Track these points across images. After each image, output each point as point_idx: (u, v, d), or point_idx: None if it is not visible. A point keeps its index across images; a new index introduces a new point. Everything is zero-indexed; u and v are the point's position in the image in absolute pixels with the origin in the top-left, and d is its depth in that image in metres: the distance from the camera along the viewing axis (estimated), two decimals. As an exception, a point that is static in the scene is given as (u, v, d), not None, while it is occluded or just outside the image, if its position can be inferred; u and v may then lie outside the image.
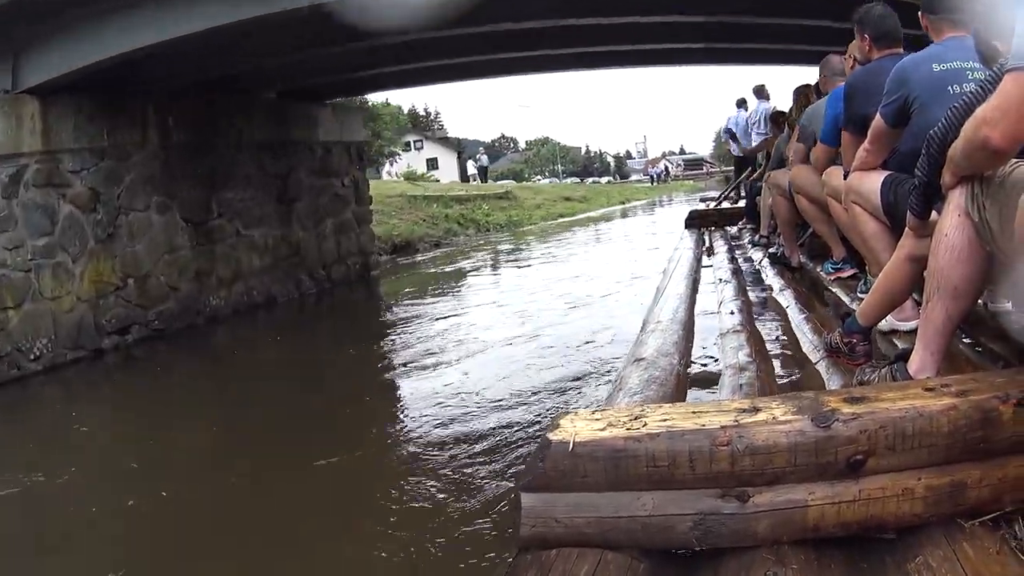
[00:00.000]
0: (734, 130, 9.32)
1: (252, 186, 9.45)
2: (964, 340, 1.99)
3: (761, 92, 8.98)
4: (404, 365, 6.17)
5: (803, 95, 4.82)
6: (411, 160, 48.44)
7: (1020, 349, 1.74)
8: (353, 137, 11.53)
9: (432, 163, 49.75)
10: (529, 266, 12.31)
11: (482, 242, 16.25)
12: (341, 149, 11.02)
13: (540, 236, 17.29)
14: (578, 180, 53.84)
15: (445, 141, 61.82)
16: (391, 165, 31.17)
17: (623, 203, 30.78)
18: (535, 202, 23.11)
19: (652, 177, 53.62)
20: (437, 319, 8.04)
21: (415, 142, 58.01)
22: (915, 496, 1.26)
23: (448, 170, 44.58)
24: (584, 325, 6.82)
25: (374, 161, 30.96)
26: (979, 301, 1.81)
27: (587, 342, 6.11)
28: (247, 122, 9.40)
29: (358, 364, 6.63)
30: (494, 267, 13.02)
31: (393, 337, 7.39)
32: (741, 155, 9.38)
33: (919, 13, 2.36)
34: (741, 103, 9.38)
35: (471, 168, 37.00)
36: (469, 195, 19.67)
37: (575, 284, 9.24)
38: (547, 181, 48.39)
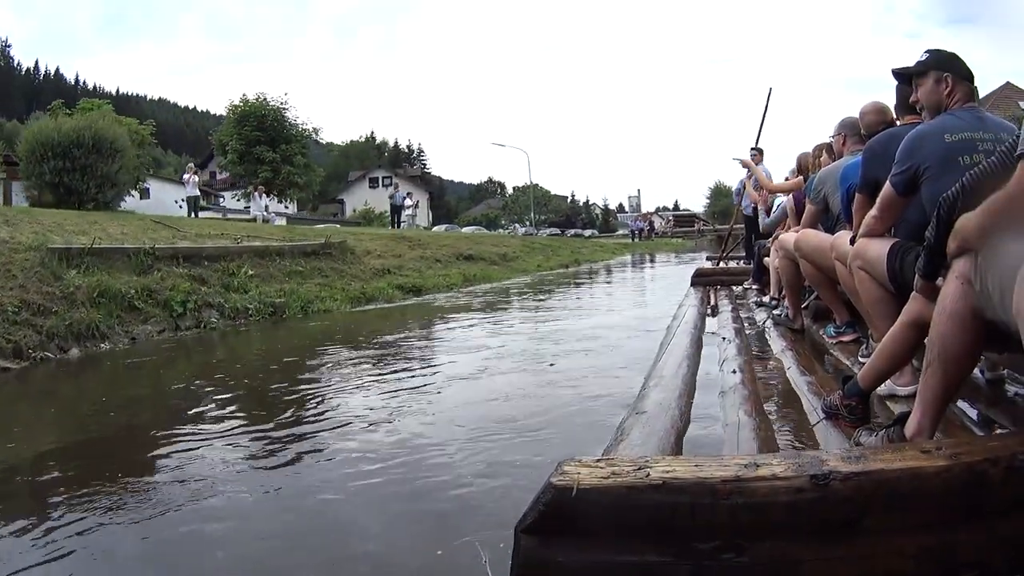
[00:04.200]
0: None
1: None
2: (959, 405, 2.03)
3: (755, 158, 8.98)
4: None
5: (819, 154, 4.90)
6: (375, 198, 45.90)
7: (1013, 415, 1.78)
8: None
9: (401, 201, 48.56)
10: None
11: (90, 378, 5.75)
12: None
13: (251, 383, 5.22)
14: (558, 232, 51.83)
15: (419, 179, 59.69)
16: (264, 198, 22.42)
17: (567, 267, 21.19)
18: (388, 262, 13.53)
19: (633, 232, 48.38)
20: None
21: (384, 178, 54.94)
22: (906, 555, 1.29)
23: (419, 211, 43.49)
24: None
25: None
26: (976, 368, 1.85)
27: None
28: None
29: None
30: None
31: None
32: (751, 215, 8.78)
33: (934, 73, 2.35)
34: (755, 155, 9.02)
35: (408, 209, 27.77)
36: (222, 249, 10.04)
37: None
38: (523, 230, 45.59)
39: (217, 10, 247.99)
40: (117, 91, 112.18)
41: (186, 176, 21.41)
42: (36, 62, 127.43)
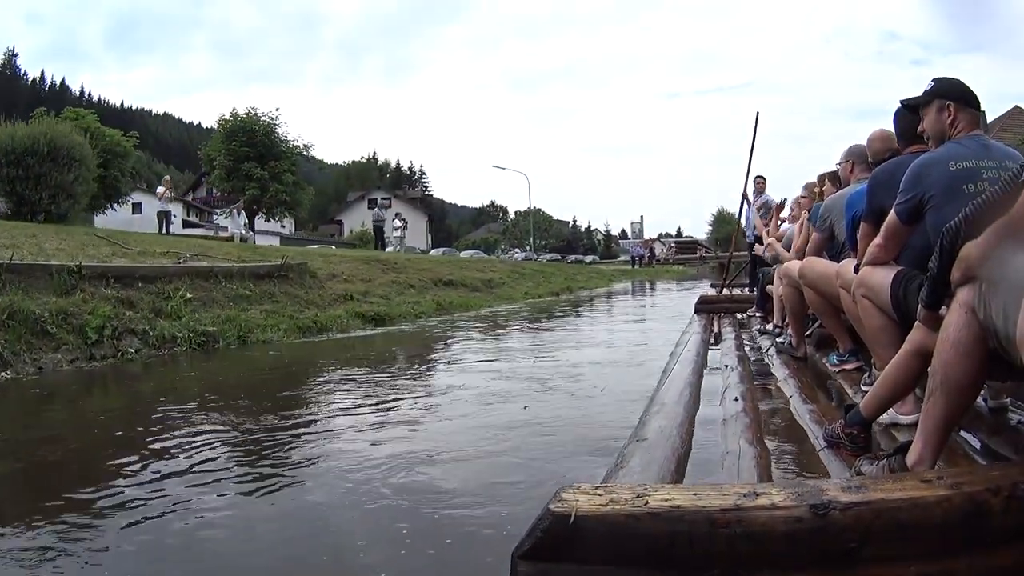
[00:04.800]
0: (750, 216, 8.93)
1: None
2: (962, 434, 2.01)
3: (759, 185, 9.06)
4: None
5: (822, 183, 4.92)
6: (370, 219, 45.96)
7: (1016, 444, 1.77)
8: None
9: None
10: None
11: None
12: None
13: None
14: (559, 257, 52.05)
15: (419, 202, 59.02)
16: (242, 216, 21.59)
17: (559, 295, 19.57)
18: (354, 287, 12.24)
19: (634, 259, 48.54)
20: None
21: (382, 200, 54.35)
22: (907, 584, 1.27)
23: (416, 234, 41.61)
24: None
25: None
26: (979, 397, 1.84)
27: None
28: None
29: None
30: None
31: None
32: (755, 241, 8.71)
33: (937, 102, 2.37)
34: (759, 182, 8.98)
35: (396, 231, 26.67)
36: (159, 269, 9.03)
37: None
38: (521, 255, 45.69)
39: (226, 30, 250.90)
40: (121, 104, 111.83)
41: (160, 190, 20.13)
42: (42, 72, 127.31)
